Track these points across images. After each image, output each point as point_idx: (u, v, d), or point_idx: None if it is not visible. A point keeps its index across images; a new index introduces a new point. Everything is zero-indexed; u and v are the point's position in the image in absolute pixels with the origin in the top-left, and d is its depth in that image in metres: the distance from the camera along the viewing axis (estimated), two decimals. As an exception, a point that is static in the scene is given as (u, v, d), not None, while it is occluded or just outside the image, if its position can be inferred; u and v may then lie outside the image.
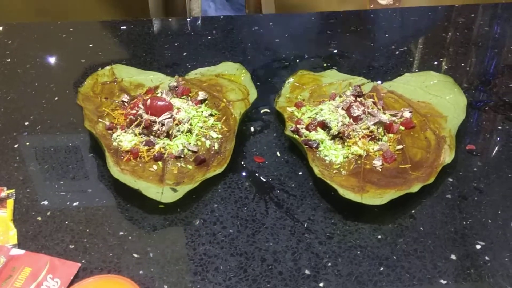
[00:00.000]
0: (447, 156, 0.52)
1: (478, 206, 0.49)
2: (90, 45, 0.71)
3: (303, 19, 0.78)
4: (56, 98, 0.62)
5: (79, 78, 0.61)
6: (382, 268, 0.44)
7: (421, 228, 0.47)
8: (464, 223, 0.47)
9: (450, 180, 0.52)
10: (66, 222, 0.48)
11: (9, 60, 0.68)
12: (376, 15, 0.80)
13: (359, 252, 0.45)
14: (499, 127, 0.59)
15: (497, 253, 0.45)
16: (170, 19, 0.78)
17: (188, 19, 0.78)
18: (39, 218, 0.48)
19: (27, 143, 0.56)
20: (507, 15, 0.82)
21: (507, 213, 0.48)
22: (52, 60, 0.69)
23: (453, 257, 0.45)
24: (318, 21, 0.77)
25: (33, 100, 0.62)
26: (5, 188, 0.50)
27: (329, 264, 0.44)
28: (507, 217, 0.48)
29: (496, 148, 0.56)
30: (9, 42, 0.71)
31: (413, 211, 0.49)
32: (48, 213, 0.49)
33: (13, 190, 0.51)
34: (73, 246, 0.46)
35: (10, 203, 0.49)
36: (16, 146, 0.56)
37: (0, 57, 0.69)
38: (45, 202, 0.50)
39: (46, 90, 0.64)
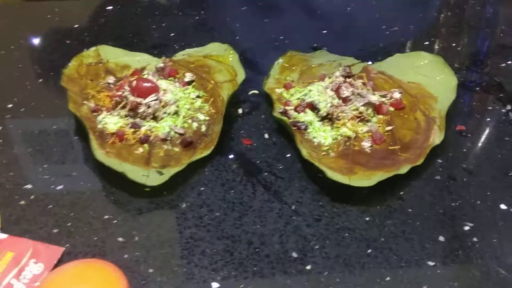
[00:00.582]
0: (437, 137, 0.51)
1: (467, 187, 0.49)
2: (76, 25, 0.70)
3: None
4: (41, 80, 0.61)
5: (64, 60, 0.60)
6: (369, 250, 0.44)
7: (410, 210, 0.47)
8: (453, 204, 0.47)
9: (439, 161, 0.51)
10: (50, 206, 0.47)
11: (-8, 42, 0.67)
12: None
13: (347, 234, 0.45)
14: (490, 108, 0.58)
15: (486, 234, 0.44)
16: (156, 0, 0.76)
17: (175, 0, 0.77)
18: (22, 202, 0.47)
19: (11, 126, 0.55)
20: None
21: (496, 194, 0.48)
22: (36, 41, 0.68)
23: (441, 238, 0.44)
24: (307, 1, 0.76)
25: (17, 82, 0.61)
26: (-13, 172, 0.49)
27: (317, 247, 0.44)
28: (496, 198, 0.48)
29: (487, 129, 0.56)
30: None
31: (401, 193, 0.48)
32: (32, 197, 0.48)
33: (-4, 173, 0.50)
34: (57, 230, 0.45)
35: (-7, 187, 0.49)
36: (-1, 129, 0.55)
37: (-17, 38, 0.67)
38: (29, 186, 0.49)
39: (30, 72, 0.62)
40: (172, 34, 0.69)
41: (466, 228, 0.45)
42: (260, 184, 0.49)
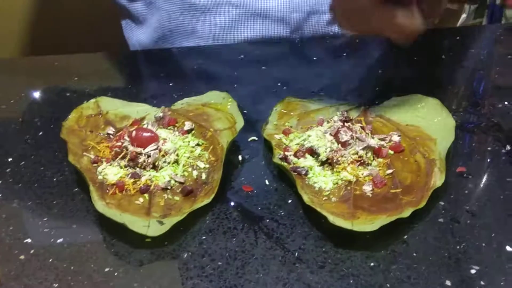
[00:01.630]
0: (438, 179, 0.51)
1: (471, 229, 0.48)
2: (75, 78, 0.71)
3: (288, 46, 0.78)
4: (41, 133, 0.62)
5: (64, 112, 0.60)
6: (375, 297, 0.43)
7: (414, 254, 0.46)
8: (458, 247, 0.47)
9: (442, 203, 0.51)
10: (50, 260, 0.47)
11: (-8, 96, 0.68)
12: (362, 40, 0.80)
13: (351, 281, 0.44)
14: (489, 148, 0.58)
15: (493, 277, 0.44)
16: (156, 50, 0.78)
17: (173, 49, 0.78)
18: (22, 257, 0.47)
19: (10, 180, 0.55)
20: (492, 36, 0.82)
21: (501, 235, 0.47)
22: (36, 94, 0.69)
23: (448, 283, 0.44)
24: (303, 47, 0.77)
25: (17, 135, 0.61)
26: (-13, 227, 0.49)
27: (322, 295, 0.43)
28: (501, 239, 0.47)
29: (487, 170, 0.56)
30: (-7, 77, 0.71)
31: (405, 237, 0.48)
32: (32, 251, 0.47)
33: (-4, 228, 0.49)
34: (57, 285, 0.44)
35: (-8, 242, 0.48)
36: (-1, 183, 0.55)
37: (-16, 93, 0.68)
38: (29, 240, 0.48)
39: (30, 125, 0.63)
40: (170, 84, 0.70)
41: (473, 271, 0.44)
42: (262, 231, 0.49)
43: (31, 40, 0.96)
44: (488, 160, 0.57)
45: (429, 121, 0.59)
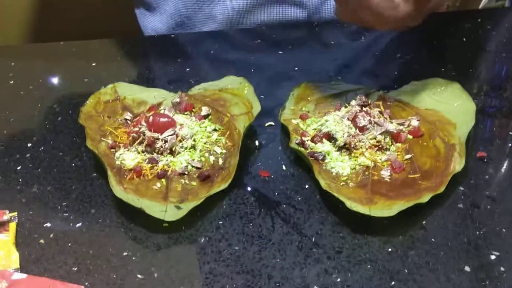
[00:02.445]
0: (457, 164, 0.51)
1: (491, 215, 0.48)
2: (93, 64, 0.71)
3: (305, 30, 0.78)
4: (59, 119, 0.62)
5: (82, 98, 0.61)
6: (393, 283, 0.43)
7: (433, 240, 0.46)
8: (477, 233, 0.46)
9: (461, 189, 0.50)
10: (69, 244, 0.47)
11: (12, 82, 0.68)
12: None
13: (369, 266, 0.44)
14: (510, 133, 0.57)
15: (513, 263, 0.43)
16: (172, 35, 0.77)
17: (189, 34, 0.78)
18: (41, 241, 0.47)
19: (30, 165, 0.56)
20: (514, 19, 0.80)
21: (522, 221, 0.47)
22: (55, 80, 0.69)
23: (467, 268, 0.43)
24: (320, 31, 0.76)
25: (36, 121, 0.62)
26: (7, 211, 0.50)
27: (339, 280, 0.43)
28: (522, 225, 0.46)
29: (508, 154, 0.55)
30: (12, 64, 0.71)
31: (424, 222, 0.47)
32: (51, 235, 0.48)
33: (16, 213, 0.50)
34: (76, 269, 0.45)
35: (12, 226, 0.49)
36: (18, 168, 0.55)
37: (3, 79, 0.69)
38: (48, 224, 0.49)
39: (49, 111, 0.63)
40: (187, 69, 0.70)
41: (493, 257, 0.44)
42: (279, 216, 0.49)
43: (47, 27, 0.96)
44: (509, 144, 0.56)
45: (449, 105, 0.58)
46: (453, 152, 0.52)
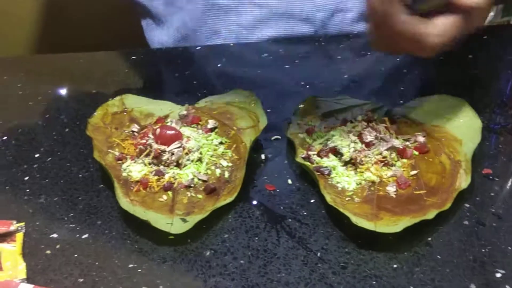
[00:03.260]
0: (463, 181, 0.51)
1: (497, 232, 0.48)
2: (101, 75, 0.72)
3: (312, 45, 0.78)
4: (67, 130, 0.62)
5: (89, 109, 0.61)
6: (398, 299, 0.42)
7: (438, 256, 0.46)
8: (483, 250, 0.46)
9: (467, 206, 0.50)
10: (76, 255, 0.47)
11: (20, 92, 0.69)
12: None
13: (374, 282, 0.44)
14: (516, 150, 0.57)
15: (519, 281, 0.43)
16: (180, 48, 0.78)
17: (197, 48, 0.78)
18: (48, 252, 0.48)
19: (38, 176, 0.56)
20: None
21: (528, 239, 0.47)
22: (63, 91, 0.70)
23: (473, 286, 0.43)
24: (327, 46, 0.77)
25: (44, 132, 0.62)
26: (14, 222, 0.50)
27: (344, 295, 0.43)
28: (528, 243, 0.46)
29: (514, 171, 0.55)
30: (21, 74, 0.72)
31: (429, 239, 0.47)
32: (58, 246, 0.48)
33: (23, 223, 0.50)
34: (82, 280, 0.45)
35: (19, 236, 0.49)
36: (26, 178, 0.56)
37: (12, 90, 0.69)
38: (55, 235, 0.49)
39: (57, 122, 0.64)
40: (194, 82, 0.70)
41: (498, 275, 0.44)
42: (284, 230, 0.49)
43: (55, 39, 0.97)
44: (515, 162, 0.56)
45: (455, 121, 0.58)
46: (459, 168, 0.52)
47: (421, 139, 0.56)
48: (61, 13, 0.99)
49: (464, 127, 0.57)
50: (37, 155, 0.59)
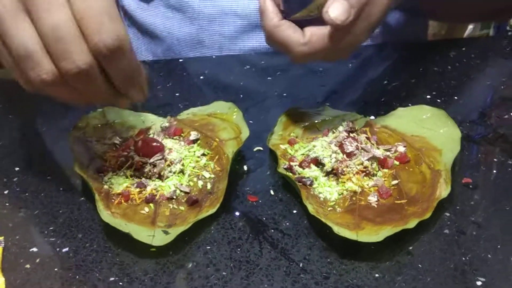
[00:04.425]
0: (443, 190, 0.51)
1: (477, 241, 0.48)
2: (82, 88, 0.71)
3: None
4: (48, 142, 0.62)
5: (70, 122, 0.61)
6: (380, 308, 0.43)
7: (420, 265, 0.46)
8: (464, 259, 0.46)
9: (447, 214, 0.51)
10: (56, 269, 0.47)
11: (0, 106, 0.68)
12: (367, 50, 0.80)
13: (356, 292, 0.44)
14: (495, 159, 0.58)
15: (499, 289, 0.44)
16: (163, 61, 0.78)
17: (180, 60, 0.78)
18: (27, 266, 0.47)
19: (17, 189, 0.55)
20: (497, 48, 0.82)
21: (507, 247, 0.47)
22: (43, 104, 0.69)
23: (454, 294, 0.43)
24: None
25: (24, 145, 0.62)
26: (-7, 236, 0.49)
27: (326, 306, 0.43)
28: (507, 251, 0.47)
29: (493, 181, 0.55)
30: (1, 87, 0.71)
31: (410, 248, 0.48)
32: (37, 260, 0.48)
33: (2, 237, 0.50)
34: (62, 294, 0.44)
35: (-2, 250, 0.48)
36: (6, 192, 0.55)
37: (-8, 102, 0.69)
38: (34, 249, 0.49)
39: (37, 135, 0.63)
40: (177, 94, 0.70)
41: (479, 283, 0.44)
42: (266, 241, 0.49)
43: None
44: (494, 171, 0.56)
45: (435, 131, 0.59)
46: (439, 178, 0.53)
47: (401, 149, 0.57)
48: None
49: (444, 137, 0.58)
50: (17, 169, 0.58)
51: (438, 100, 0.67)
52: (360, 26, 0.52)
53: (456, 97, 0.69)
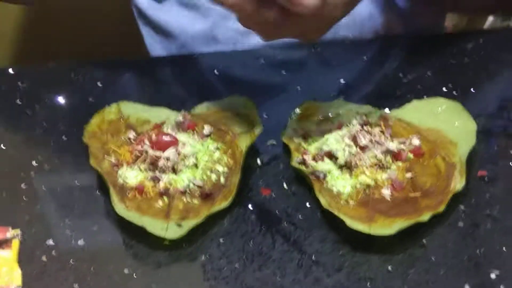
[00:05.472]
0: (458, 183, 0.51)
1: (492, 234, 0.48)
2: (98, 84, 0.72)
3: (308, 50, 0.78)
4: (64, 138, 0.63)
5: (86, 117, 0.61)
6: (393, 301, 0.42)
7: (433, 258, 0.46)
8: (478, 251, 0.46)
9: (462, 207, 0.50)
10: (71, 261, 0.47)
11: (18, 101, 0.69)
12: (382, 43, 0.79)
13: (368, 285, 0.44)
14: (511, 152, 0.57)
15: (513, 282, 0.43)
16: (177, 56, 0.79)
17: (194, 56, 0.79)
18: (44, 258, 0.48)
19: (34, 183, 0.56)
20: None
21: (522, 240, 0.47)
22: (61, 100, 0.70)
23: (467, 287, 0.43)
24: (323, 51, 0.77)
25: (41, 140, 0.63)
26: (10, 229, 0.50)
27: (338, 298, 0.43)
28: (523, 244, 0.46)
29: (509, 174, 0.55)
30: (20, 83, 0.72)
31: (424, 241, 0.47)
32: (53, 253, 0.48)
33: (19, 230, 0.50)
34: (77, 285, 0.45)
35: (15, 243, 0.49)
36: (23, 186, 0.56)
37: (11, 98, 0.70)
38: (50, 242, 0.50)
39: (54, 130, 0.64)
40: (191, 89, 0.71)
41: (493, 275, 0.44)
42: (279, 234, 0.49)
43: (54, 48, 0.98)
44: (510, 164, 0.56)
45: (450, 124, 0.59)
46: (454, 171, 0.52)
47: (416, 142, 0.56)
48: (59, 21, 0.99)
49: (459, 130, 0.58)
50: (34, 163, 0.59)
51: (455, 93, 0.67)
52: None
53: (473, 90, 0.68)
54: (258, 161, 0.58)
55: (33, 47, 1.00)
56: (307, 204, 0.52)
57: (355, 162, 0.54)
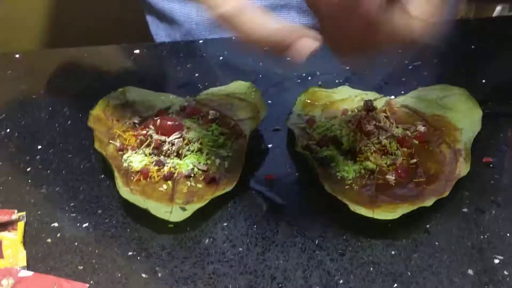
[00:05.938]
0: (463, 169, 0.51)
1: (496, 219, 0.47)
2: (104, 69, 0.72)
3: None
4: (69, 122, 0.63)
5: (91, 101, 0.61)
6: (396, 285, 0.43)
7: (436, 243, 0.46)
8: (482, 237, 0.46)
9: (466, 193, 0.50)
10: (76, 243, 0.48)
11: (23, 86, 0.69)
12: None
13: (371, 269, 0.44)
14: (517, 139, 0.57)
15: (517, 267, 0.43)
16: (182, 42, 0.78)
17: (199, 41, 0.79)
18: (49, 240, 0.48)
19: (40, 166, 0.57)
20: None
21: (527, 226, 0.47)
22: (66, 85, 0.70)
23: (470, 272, 0.43)
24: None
25: (47, 124, 0.63)
26: (16, 211, 0.50)
27: (341, 281, 0.43)
28: (527, 230, 0.46)
29: (515, 160, 0.55)
30: (25, 69, 0.73)
31: (427, 226, 0.47)
32: (58, 235, 0.49)
33: (24, 212, 0.51)
34: (81, 267, 0.46)
35: (20, 225, 0.49)
36: (28, 169, 0.56)
37: (16, 83, 0.70)
38: (55, 224, 0.50)
39: (59, 114, 0.64)
40: (196, 74, 0.71)
41: (496, 261, 0.44)
42: (283, 219, 0.49)
43: (59, 34, 0.98)
44: (516, 150, 0.56)
45: (455, 111, 0.58)
46: (459, 157, 0.52)
47: (421, 128, 0.56)
48: (65, 8, 0.99)
49: (464, 116, 0.57)
50: (39, 147, 0.59)
51: (460, 80, 0.66)
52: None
53: (478, 77, 0.68)
54: (262, 146, 0.58)
55: (39, 33, 1.00)
56: (311, 189, 0.52)
57: (359, 147, 0.53)
